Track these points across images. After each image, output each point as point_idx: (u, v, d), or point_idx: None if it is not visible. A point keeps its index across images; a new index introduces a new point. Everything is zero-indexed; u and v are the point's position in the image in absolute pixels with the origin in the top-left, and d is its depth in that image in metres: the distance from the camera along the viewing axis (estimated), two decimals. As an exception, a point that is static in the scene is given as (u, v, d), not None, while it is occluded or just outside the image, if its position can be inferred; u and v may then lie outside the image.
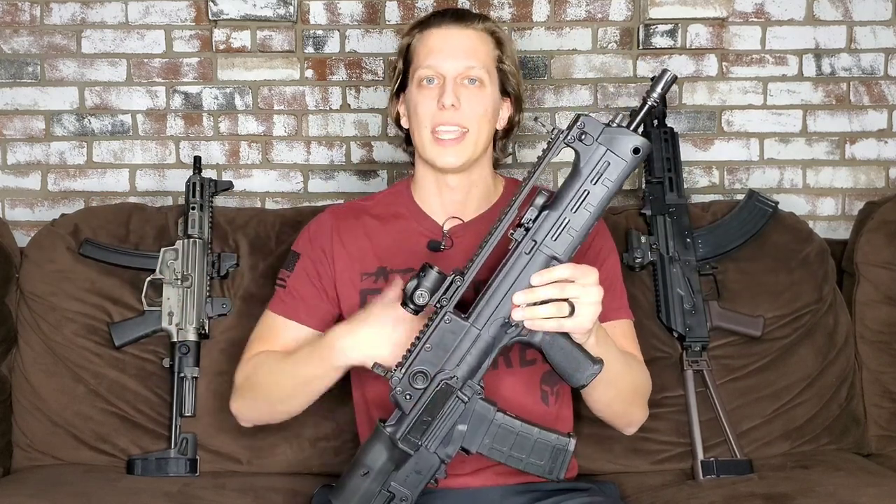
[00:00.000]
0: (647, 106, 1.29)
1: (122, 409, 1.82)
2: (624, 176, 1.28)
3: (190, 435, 1.78)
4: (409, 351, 1.32)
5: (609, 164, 1.27)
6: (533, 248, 1.29)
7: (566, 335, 1.30)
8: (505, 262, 1.30)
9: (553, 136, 1.30)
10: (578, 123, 1.28)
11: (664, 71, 1.29)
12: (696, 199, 2.20)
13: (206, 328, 1.83)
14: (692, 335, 1.82)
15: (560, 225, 1.28)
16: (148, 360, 1.84)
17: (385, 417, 1.36)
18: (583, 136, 1.28)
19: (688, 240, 1.89)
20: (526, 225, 1.29)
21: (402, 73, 1.59)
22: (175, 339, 1.81)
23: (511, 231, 1.30)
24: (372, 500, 1.34)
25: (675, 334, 1.84)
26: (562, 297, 1.26)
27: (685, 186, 1.97)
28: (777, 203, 1.95)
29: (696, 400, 1.78)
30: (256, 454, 1.80)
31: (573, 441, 1.36)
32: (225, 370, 1.81)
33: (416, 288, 1.29)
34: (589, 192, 1.28)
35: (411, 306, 1.30)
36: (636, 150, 1.27)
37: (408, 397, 1.31)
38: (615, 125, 1.28)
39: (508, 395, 1.51)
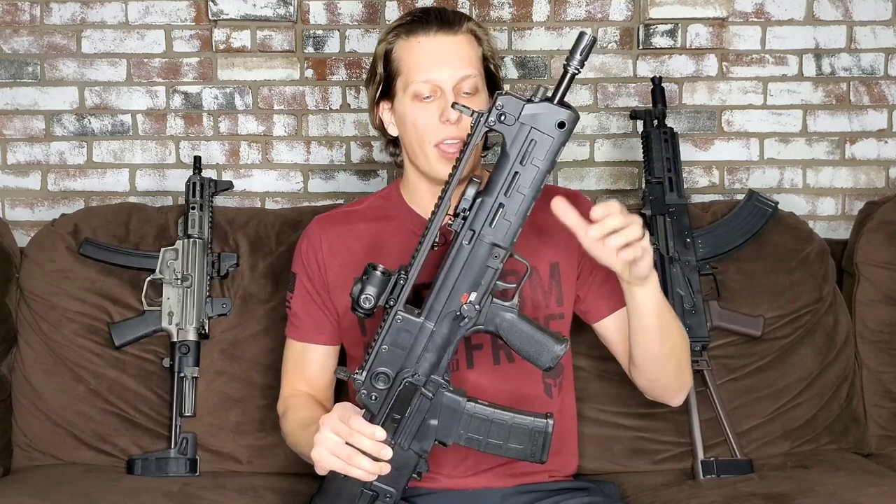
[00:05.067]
0: (568, 75, 1.25)
1: (122, 409, 1.82)
2: (553, 153, 1.24)
3: (190, 435, 1.78)
4: (368, 353, 1.31)
5: (535, 142, 1.24)
6: (472, 237, 1.27)
7: (525, 319, 1.30)
8: (447, 254, 1.29)
9: (474, 120, 1.26)
10: (497, 104, 1.24)
11: (581, 34, 1.24)
12: (696, 199, 2.20)
13: (206, 328, 1.83)
14: (692, 335, 1.82)
15: (495, 211, 1.26)
16: (148, 360, 1.84)
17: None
18: (503, 117, 1.24)
19: (688, 240, 1.89)
20: (462, 214, 1.27)
21: (383, 80, 1.53)
22: (175, 339, 1.81)
23: (449, 222, 1.28)
24: (356, 501, 1.34)
25: (675, 334, 1.84)
26: (624, 225, 1.24)
27: (685, 186, 1.97)
28: (777, 203, 1.95)
29: (696, 400, 1.78)
30: (256, 454, 1.80)
31: (551, 422, 1.34)
32: (225, 370, 1.82)
33: (360, 292, 1.28)
34: (519, 174, 1.25)
35: (360, 311, 1.29)
36: (561, 125, 1.24)
37: (373, 398, 1.31)
38: (537, 100, 1.24)
39: (512, 388, 1.51)
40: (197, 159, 1.97)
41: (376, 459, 1.27)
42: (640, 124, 2.08)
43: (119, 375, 1.82)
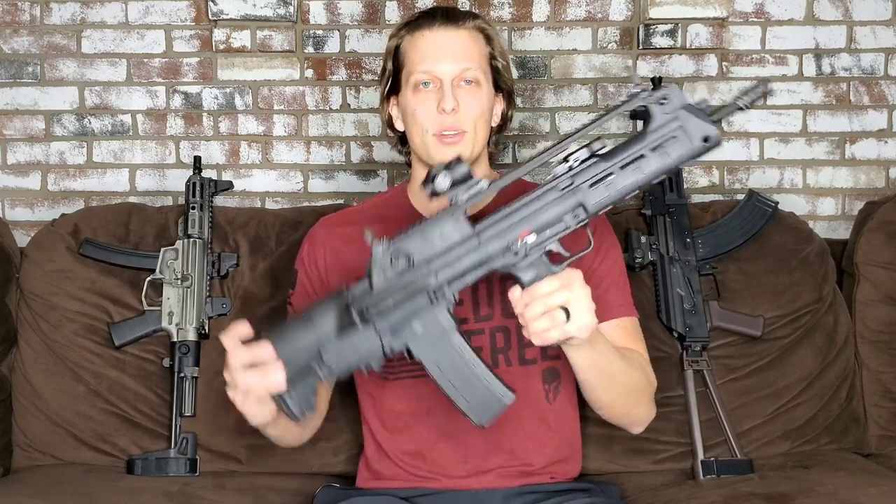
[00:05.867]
0: (734, 107, 1.26)
1: (122, 409, 1.82)
2: (684, 158, 1.25)
3: (190, 435, 1.78)
4: (404, 230, 1.28)
5: (675, 138, 1.25)
6: (568, 187, 1.26)
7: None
8: (536, 190, 1.28)
9: (634, 90, 1.27)
10: (664, 88, 1.25)
11: (765, 81, 1.27)
12: (696, 199, 2.20)
13: (206, 328, 1.83)
14: (692, 335, 1.82)
15: (603, 177, 1.26)
16: (148, 360, 1.84)
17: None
18: (664, 100, 1.25)
19: (688, 240, 1.89)
20: (571, 163, 1.27)
21: (392, 75, 1.58)
22: (175, 339, 1.81)
23: (556, 162, 1.28)
24: (301, 353, 1.27)
25: (675, 334, 1.84)
26: (553, 307, 1.24)
27: (685, 186, 1.97)
28: (777, 203, 1.95)
29: (696, 400, 1.78)
30: (256, 454, 1.80)
31: (512, 396, 1.32)
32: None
33: (444, 170, 1.27)
34: (644, 157, 1.25)
35: (430, 187, 1.27)
36: (705, 139, 1.25)
37: (382, 273, 1.27)
38: (697, 107, 1.25)
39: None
40: (197, 159, 1.97)
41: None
42: (640, 124, 2.06)
43: (119, 375, 1.82)
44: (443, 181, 1.26)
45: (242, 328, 1.28)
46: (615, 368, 1.41)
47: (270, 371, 1.25)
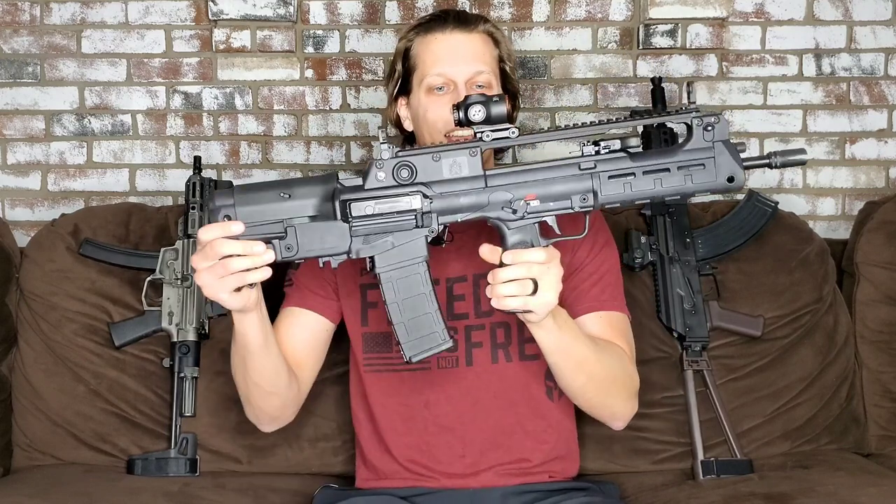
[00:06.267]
0: (766, 162, 1.29)
1: (122, 409, 1.81)
2: (703, 189, 1.27)
3: (190, 435, 1.78)
4: (418, 147, 1.28)
5: (704, 167, 1.26)
6: (588, 169, 1.27)
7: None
8: (559, 159, 1.28)
9: (687, 106, 1.28)
10: (714, 116, 1.27)
11: (802, 150, 1.28)
12: (696, 199, 2.20)
13: (206, 328, 1.83)
14: (692, 335, 1.82)
15: (624, 174, 1.27)
16: (148, 360, 1.84)
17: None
18: (709, 127, 1.27)
19: (688, 240, 1.89)
20: (600, 149, 1.27)
21: (402, 76, 1.59)
22: (175, 339, 1.81)
23: (584, 142, 1.28)
24: (265, 221, 1.25)
25: (675, 334, 1.84)
26: (527, 276, 1.24)
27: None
28: (777, 203, 1.95)
29: (696, 400, 1.78)
30: (256, 454, 1.80)
31: (450, 343, 1.32)
32: (225, 370, 1.81)
33: (480, 102, 1.26)
34: (668, 172, 1.26)
35: (461, 113, 1.26)
36: (730, 179, 1.26)
37: (380, 177, 1.27)
38: (737, 148, 1.27)
39: (511, 387, 1.51)
40: (197, 159, 1.97)
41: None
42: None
43: (119, 375, 1.82)
44: (478, 113, 1.26)
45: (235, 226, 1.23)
46: (583, 354, 1.40)
47: (257, 245, 1.21)
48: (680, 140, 1.43)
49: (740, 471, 1.72)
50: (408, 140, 1.64)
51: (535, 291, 1.24)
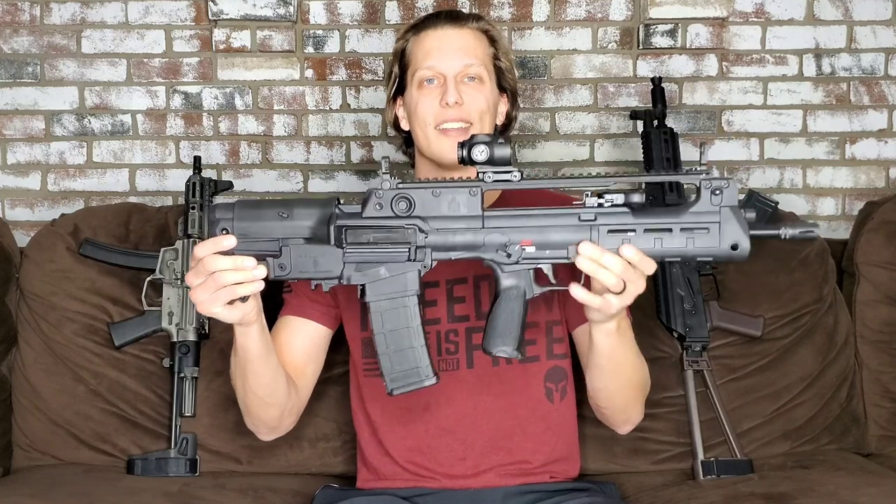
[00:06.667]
0: (775, 234, 1.25)
1: (122, 409, 1.81)
2: (705, 254, 1.24)
3: (190, 435, 1.78)
4: (423, 180, 1.28)
5: (707, 231, 1.24)
6: (588, 221, 1.26)
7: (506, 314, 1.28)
8: (560, 207, 1.28)
9: (697, 168, 1.26)
10: (725, 180, 1.24)
11: (814, 226, 1.24)
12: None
13: (206, 328, 1.83)
14: (692, 335, 1.82)
15: (624, 230, 1.25)
16: (148, 360, 1.83)
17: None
18: (717, 191, 1.23)
19: (688, 240, 1.88)
20: (602, 201, 1.26)
21: (398, 76, 1.60)
22: (175, 339, 1.81)
23: (587, 194, 1.27)
24: (261, 237, 1.27)
25: (675, 334, 1.83)
26: (623, 277, 1.23)
27: (685, 187, 1.97)
28: (777, 203, 1.95)
29: (696, 400, 1.78)
30: (256, 454, 1.80)
31: (433, 380, 1.32)
32: (225, 370, 1.81)
33: (484, 143, 1.25)
34: (670, 232, 1.24)
35: (465, 151, 1.26)
36: (734, 247, 1.23)
37: (378, 207, 1.28)
38: (746, 215, 1.24)
39: (511, 390, 1.51)
40: (197, 159, 1.97)
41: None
42: (640, 124, 2.08)
43: (119, 375, 1.82)
44: (481, 154, 1.25)
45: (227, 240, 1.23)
46: (630, 360, 1.42)
47: (247, 261, 1.21)
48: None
49: (740, 471, 1.72)
50: (407, 143, 1.65)
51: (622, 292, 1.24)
